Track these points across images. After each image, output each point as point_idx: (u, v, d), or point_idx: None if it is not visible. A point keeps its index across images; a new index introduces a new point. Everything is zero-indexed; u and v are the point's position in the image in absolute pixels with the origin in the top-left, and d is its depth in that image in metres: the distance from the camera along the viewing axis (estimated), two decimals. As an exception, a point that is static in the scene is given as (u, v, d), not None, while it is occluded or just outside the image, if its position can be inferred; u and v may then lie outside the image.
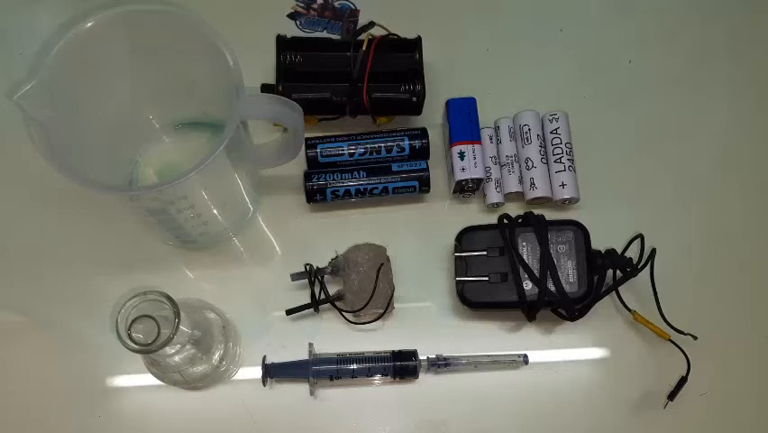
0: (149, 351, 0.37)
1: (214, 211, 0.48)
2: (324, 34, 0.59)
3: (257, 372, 0.48)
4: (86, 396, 0.49)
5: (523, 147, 0.53)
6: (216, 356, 0.45)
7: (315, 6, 0.60)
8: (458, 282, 0.48)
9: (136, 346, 0.37)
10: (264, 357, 0.48)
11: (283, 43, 0.52)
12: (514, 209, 0.53)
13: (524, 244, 0.48)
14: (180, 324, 0.38)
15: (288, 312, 0.49)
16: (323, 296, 0.49)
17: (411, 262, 0.51)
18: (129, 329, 0.37)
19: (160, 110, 0.52)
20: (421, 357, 0.48)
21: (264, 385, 0.48)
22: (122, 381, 0.49)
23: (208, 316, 0.46)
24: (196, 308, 0.45)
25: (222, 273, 0.52)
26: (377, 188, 0.51)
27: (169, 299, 0.38)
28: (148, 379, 0.45)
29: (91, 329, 0.50)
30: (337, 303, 0.49)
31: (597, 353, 0.51)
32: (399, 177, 0.51)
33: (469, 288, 0.48)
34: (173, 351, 0.40)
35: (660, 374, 0.49)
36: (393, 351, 0.48)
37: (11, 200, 0.53)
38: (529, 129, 0.53)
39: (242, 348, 0.49)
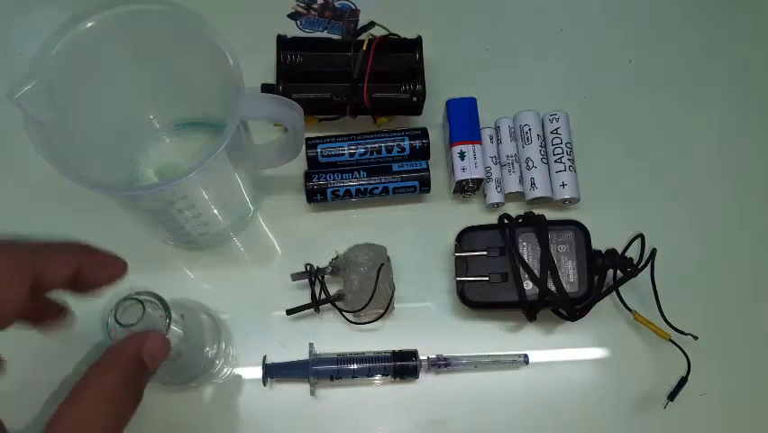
0: None
1: (215, 211, 0.48)
2: (325, 34, 0.59)
3: (257, 372, 0.48)
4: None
5: (523, 147, 0.53)
6: (209, 357, 0.45)
7: (315, 6, 0.60)
8: (458, 282, 0.48)
9: None
10: (264, 357, 0.48)
11: (283, 43, 0.52)
12: (514, 209, 0.53)
13: (524, 244, 0.48)
14: (172, 324, 0.37)
15: (289, 312, 0.49)
16: (323, 296, 0.49)
17: (411, 262, 0.51)
18: (115, 316, 0.36)
19: (159, 110, 0.52)
20: (421, 357, 0.48)
21: (264, 385, 0.47)
22: (121, 381, 0.49)
23: (200, 316, 0.46)
24: (188, 309, 0.44)
25: (222, 273, 0.52)
26: (377, 188, 0.51)
27: (161, 300, 0.38)
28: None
29: (90, 329, 0.50)
30: (337, 303, 0.49)
31: (597, 353, 0.51)
32: (400, 177, 0.51)
33: (469, 288, 0.48)
34: None
35: (660, 374, 0.49)
36: (393, 351, 0.48)
37: (11, 200, 0.53)
38: (529, 129, 0.53)
39: (242, 348, 0.49)
